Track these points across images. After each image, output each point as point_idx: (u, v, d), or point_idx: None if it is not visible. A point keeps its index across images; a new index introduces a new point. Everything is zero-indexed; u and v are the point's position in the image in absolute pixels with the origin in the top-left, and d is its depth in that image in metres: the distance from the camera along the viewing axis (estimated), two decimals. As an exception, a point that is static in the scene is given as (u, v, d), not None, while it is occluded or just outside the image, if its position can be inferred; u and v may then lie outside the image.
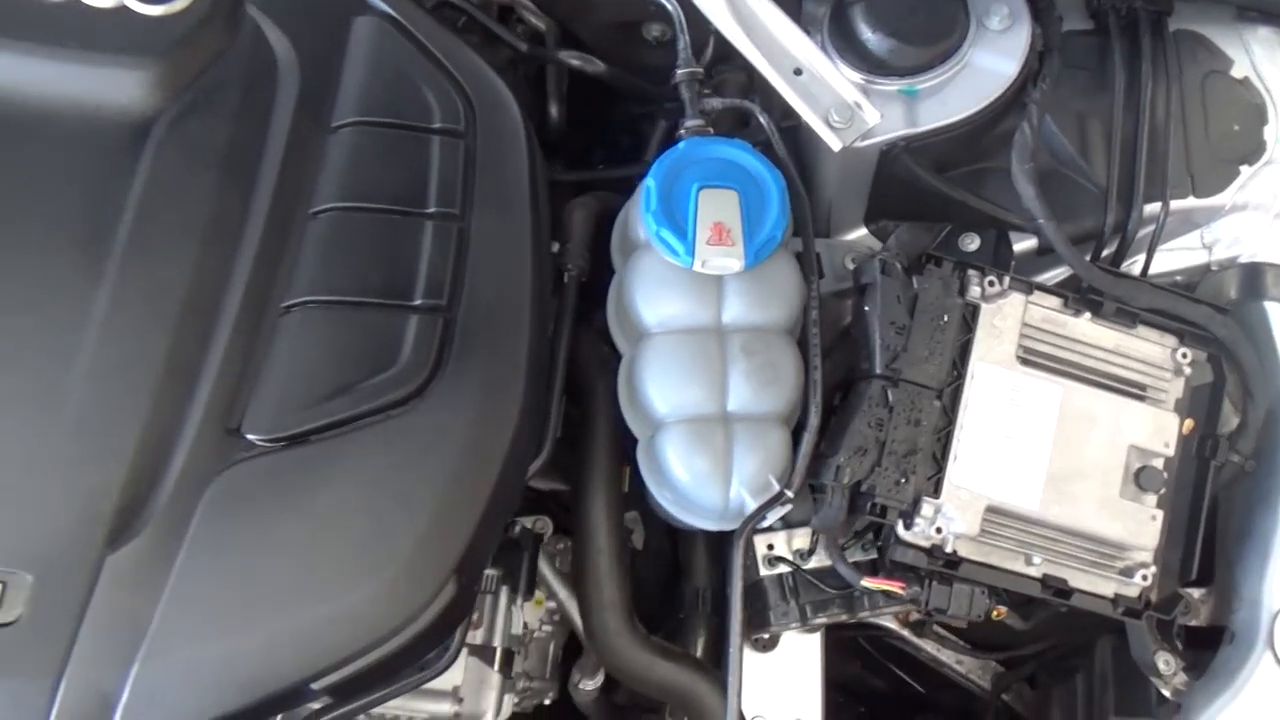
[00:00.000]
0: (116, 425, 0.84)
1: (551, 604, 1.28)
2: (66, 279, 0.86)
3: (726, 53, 1.10)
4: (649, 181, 0.96)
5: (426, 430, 0.87)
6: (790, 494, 0.93)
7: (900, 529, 0.96)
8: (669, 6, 1.05)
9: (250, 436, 0.85)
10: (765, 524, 0.99)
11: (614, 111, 1.44)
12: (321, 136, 0.94)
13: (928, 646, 1.39)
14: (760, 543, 1.15)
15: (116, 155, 0.90)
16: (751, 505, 0.94)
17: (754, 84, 1.12)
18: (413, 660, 0.89)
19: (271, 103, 0.94)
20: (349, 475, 0.85)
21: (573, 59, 1.20)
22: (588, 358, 1.11)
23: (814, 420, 0.94)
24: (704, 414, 0.94)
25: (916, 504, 0.95)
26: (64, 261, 0.87)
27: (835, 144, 0.97)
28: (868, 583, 0.98)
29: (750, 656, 1.24)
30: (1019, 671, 1.34)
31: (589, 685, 1.25)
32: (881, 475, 0.94)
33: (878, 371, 0.95)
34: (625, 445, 1.09)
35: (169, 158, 0.90)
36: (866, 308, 0.98)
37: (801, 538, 1.14)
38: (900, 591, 0.96)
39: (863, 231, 1.16)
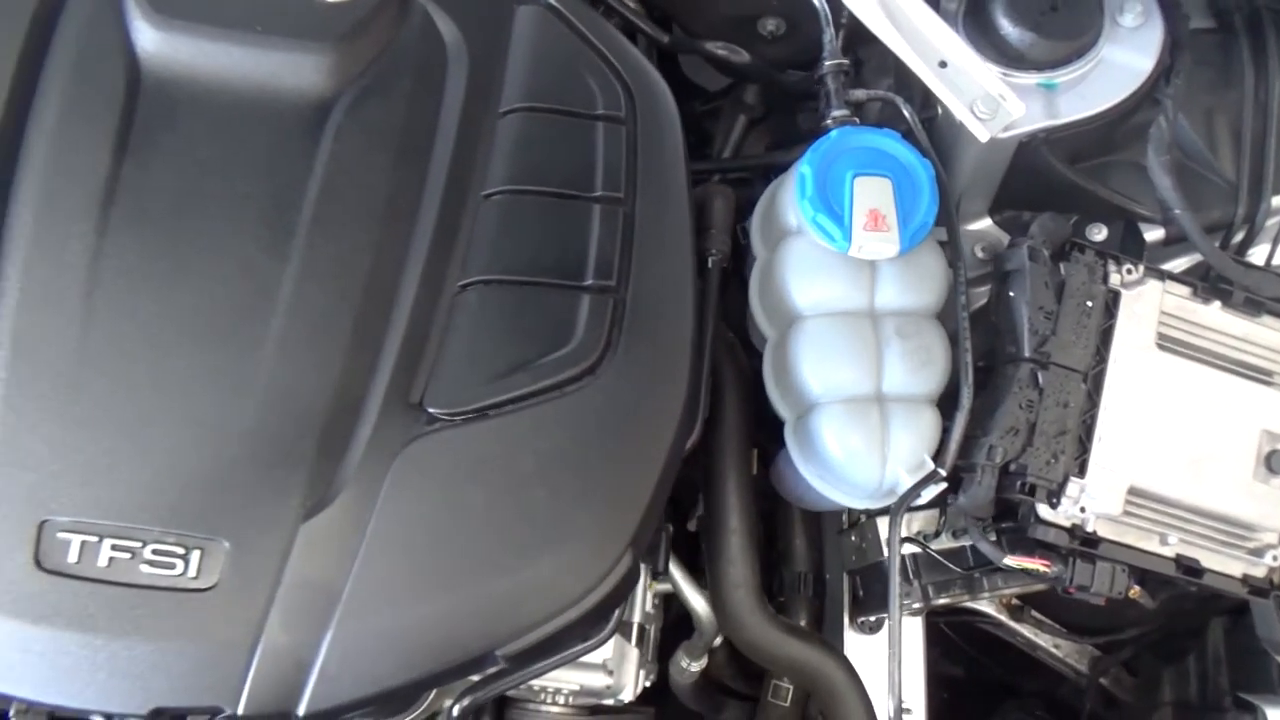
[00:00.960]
0: (306, 398, 0.87)
1: (661, 586, 1.31)
2: (254, 256, 0.89)
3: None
4: (804, 169, 0.98)
5: (601, 407, 0.90)
6: (943, 473, 0.96)
7: (1043, 508, 0.99)
8: (816, 2, 1.07)
9: (432, 411, 0.88)
10: (919, 502, 1.01)
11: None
12: (490, 121, 0.96)
13: (1025, 631, 1.42)
14: (882, 525, 1.18)
15: (297, 137, 0.93)
16: (905, 483, 0.97)
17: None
18: (585, 630, 0.92)
19: (442, 88, 0.97)
20: (528, 449, 0.88)
21: (719, 49, 1.22)
22: (716, 341, 1.14)
23: (966, 401, 0.96)
24: (860, 394, 0.97)
25: (1063, 484, 0.98)
26: (252, 239, 0.89)
27: (983, 134, 1.00)
28: (1011, 561, 1.01)
29: (855, 638, 1.27)
30: (1118, 655, 1.37)
31: (695, 667, 1.28)
32: (1033, 455, 0.97)
33: (1026, 355, 0.98)
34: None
35: (347, 140, 0.93)
36: (1012, 293, 1.01)
37: (921, 520, 1.17)
38: (1045, 569, 0.99)
39: (987, 222, 1.19)
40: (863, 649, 1.25)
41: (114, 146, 0.90)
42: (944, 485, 0.98)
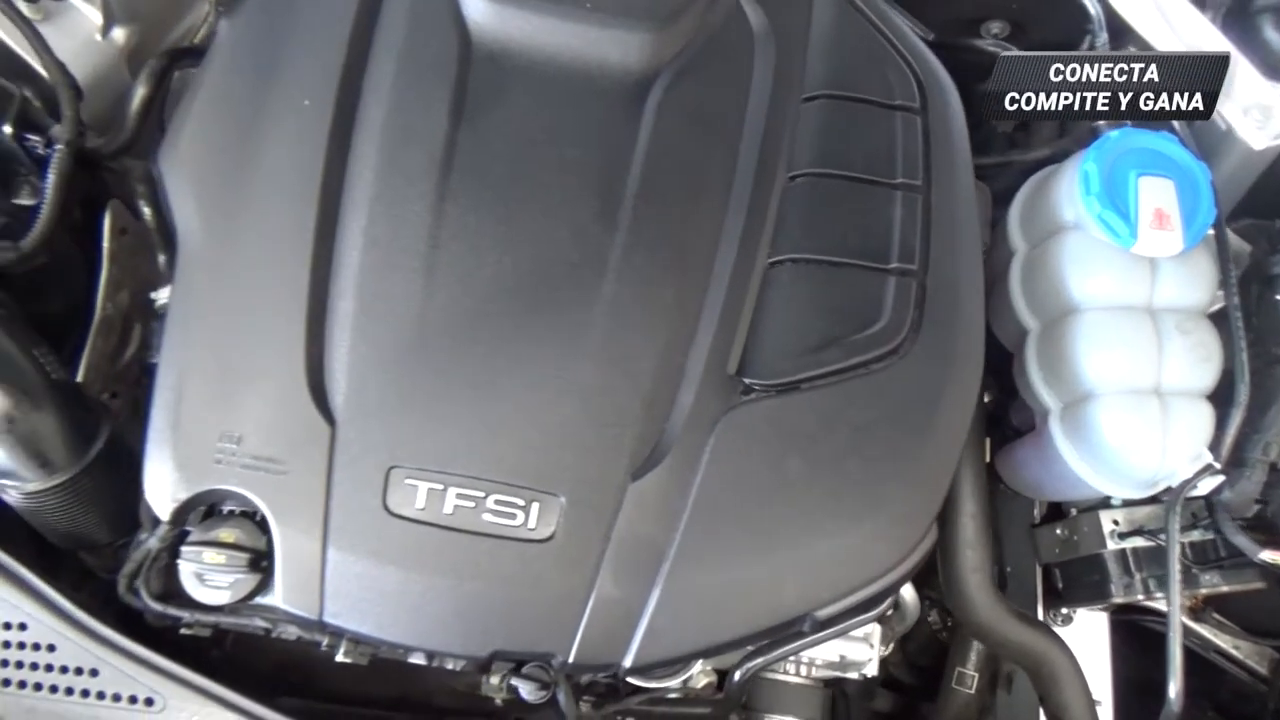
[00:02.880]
0: (635, 362, 0.90)
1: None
2: (586, 223, 0.92)
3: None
4: (1087, 166, 1.02)
5: (907, 385, 0.93)
6: (1218, 466, 0.99)
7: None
8: (1091, 9, 1.10)
9: (748, 381, 0.91)
10: (1195, 493, 1.04)
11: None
12: (794, 106, 1.00)
13: (1203, 631, 1.44)
14: (1105, 519, 1.21)
15: (621, 111, 0.96)
16: (1180, 475, 1.00)
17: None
18: (886, 599, 0.95)
19: (750, 72, 1.00)
20: (841, 422, 0.91)
21: (988, 45, 1.26)
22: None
23: (1243, 398, 0.99)
24: (1140, 386, 1.00)
25: (1324, 482, 1.01)
26: (583, 207, 0.93)
27: (1257, 142, 1.03)
28: (1267, 555, 1.04)
29: (1048, 630, 1.30)
30: (1301, 657, 1.40)
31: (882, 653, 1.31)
32: (1302, 452, 1.00)
33: (1297, 356, 1.01)
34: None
35: (667, 117, 0.96)
36: (1278, 296, 1.04)
37: (1142, 515, 1.20)
38: (1301, 564, 1.02)
39: (1223, 228, 1.22)
40: (1054, 641, 1.28)
41: (450, 113, 0.94)
42: (1221, 478, 1.00)
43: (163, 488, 0.86)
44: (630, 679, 0.95)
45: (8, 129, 0.95)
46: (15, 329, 0.93)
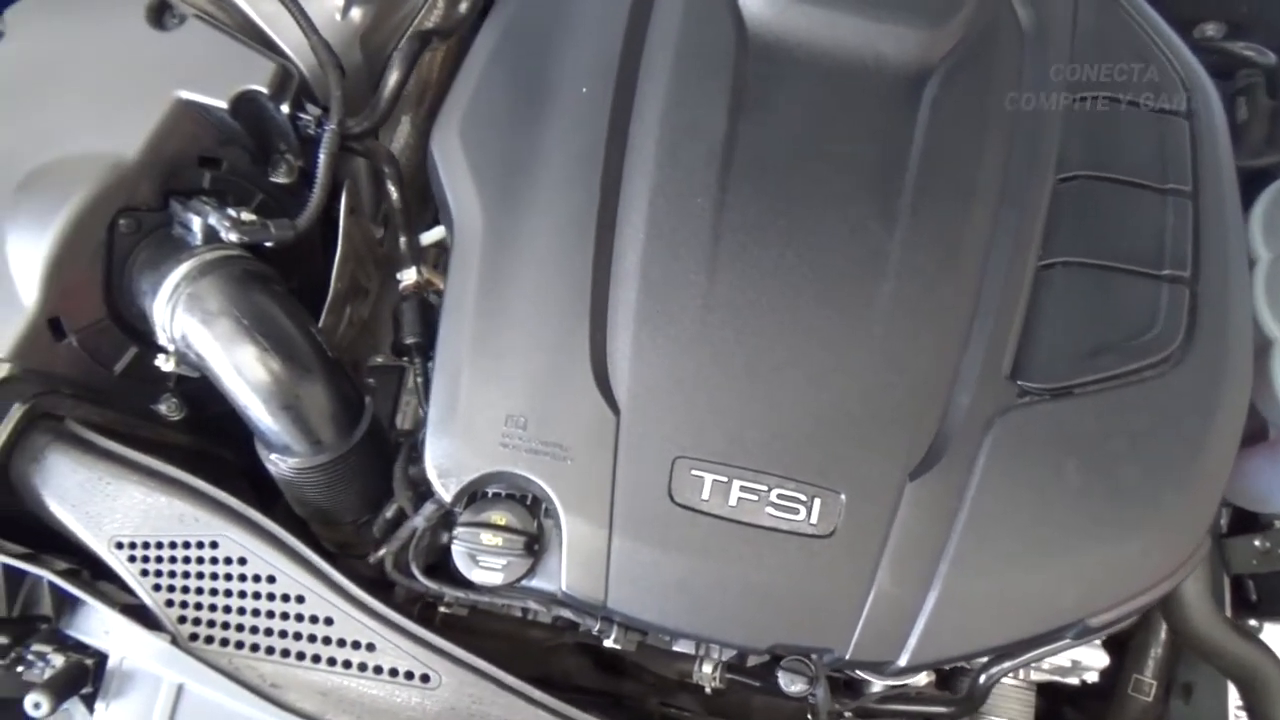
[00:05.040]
0: (913, 361, 0.90)
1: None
2: (865, 220, 0.92)
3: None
4: (1357, 176, 1.00)
5: (1181, 393, 0.92)
6: None
7: None
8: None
9: (1022, 384, 0.90)
10: None
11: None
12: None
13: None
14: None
15: (897, 107, 0.95)
16: None
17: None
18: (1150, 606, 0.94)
19: (1020, 70, 0.99)
20: (1117, 429, 0.90)
21: (1246, 50, 1.23)
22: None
23: None
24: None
25: None
26: (862, 202, 0.92)
27: None
28: None
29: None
30: None
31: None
32: None
33: None
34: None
35: (942, 114, 0.95)
36: None
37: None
38: None
39: None
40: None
41: (728, 105, 0.93)
42: None
43: (448, 468, 0.87)
44: (868, 675, 0.95)
45: (285, 108, 0.96)
46: (293, 307, 0.94)
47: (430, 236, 1.11)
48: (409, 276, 1.06)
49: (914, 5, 0.96)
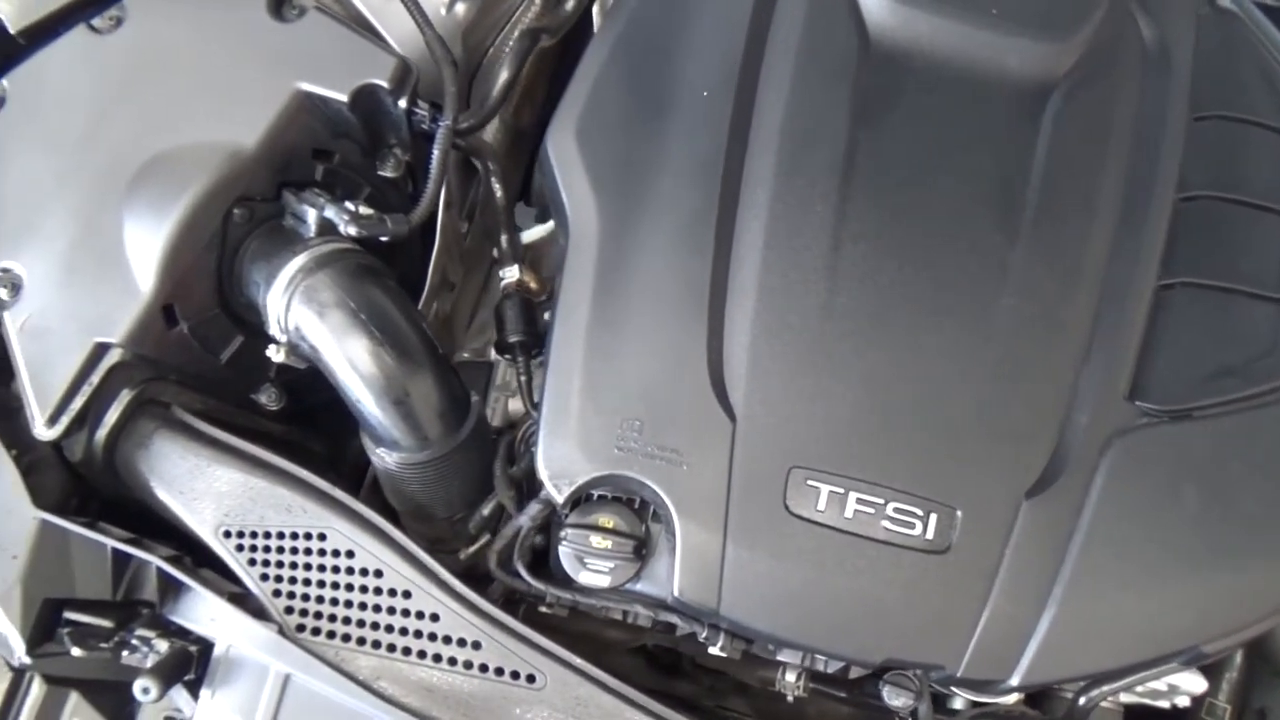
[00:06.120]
0: (1031, 379, 0.89)
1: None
2: (986, 234, 0.91)
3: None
4: None
5: (1305, 422, 0.91)
6: None
7: None
8: None
9: (1141, 405, 0.89)
10: None
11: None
12: (1185, 124, 0.97)
13: None
14: None
15: (1020, 120, 0.94)
16: None
17: None
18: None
19: (1143, 87, 0.98)
20: (1237, 455, 0.89)
21: None
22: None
23: None
24: None
25: None
26: (983, 216, 0.91)
27: None
28: None
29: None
30: None
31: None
32: None
33: None
34: None
35: (1066, 129, 0.94)
36: None
37: None
38: None
39: None
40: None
41: (849, 113, 0.93)
42: None
43: (561, 470, 0.87)
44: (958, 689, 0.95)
45: (403, 103, 0.96)
46: (406, 302, 0.94)
47: (531, 235, 1.11)
48: (511, 274, 1.06)
49: (1040, 19, 0.95)
